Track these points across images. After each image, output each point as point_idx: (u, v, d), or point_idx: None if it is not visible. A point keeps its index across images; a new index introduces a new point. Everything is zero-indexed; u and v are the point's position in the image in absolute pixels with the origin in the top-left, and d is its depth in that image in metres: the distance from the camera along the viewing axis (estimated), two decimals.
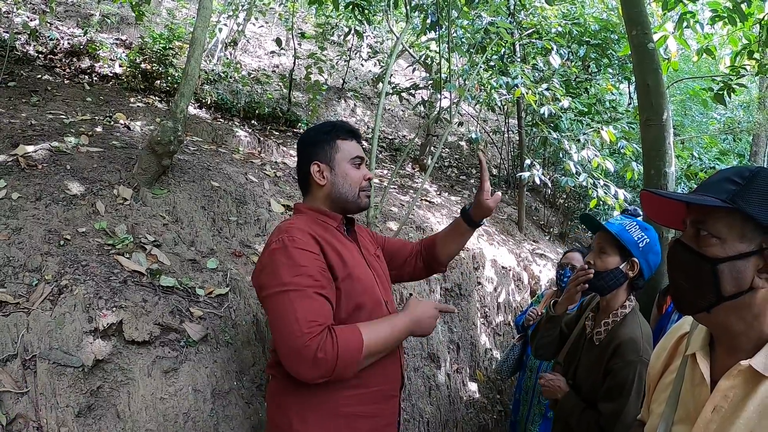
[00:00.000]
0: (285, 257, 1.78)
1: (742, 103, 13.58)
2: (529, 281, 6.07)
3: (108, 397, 2.06)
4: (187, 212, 3.19)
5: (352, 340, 1.71)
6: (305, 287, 1.73)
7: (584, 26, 7.14)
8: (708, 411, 1.18)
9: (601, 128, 5.83)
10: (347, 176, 2.07)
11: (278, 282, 1.75)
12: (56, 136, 3.43)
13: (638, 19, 3.94)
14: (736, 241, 1.12)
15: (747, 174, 1.14)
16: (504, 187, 8.73)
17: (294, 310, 1.68)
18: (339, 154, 2.08)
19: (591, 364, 2.23)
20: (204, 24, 3.29)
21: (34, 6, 6.69)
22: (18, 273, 2.25)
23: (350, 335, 1.72)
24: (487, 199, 2.28)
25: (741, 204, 1.10)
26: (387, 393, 1.97)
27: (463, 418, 4.29)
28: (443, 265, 2.50)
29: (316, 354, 1.62)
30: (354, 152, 2.10)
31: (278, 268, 1.77)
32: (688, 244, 1.19)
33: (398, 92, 7.28)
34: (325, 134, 2.10)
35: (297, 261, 1.77)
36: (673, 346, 1.44)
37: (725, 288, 1.13)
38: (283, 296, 1.72)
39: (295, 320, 1.66)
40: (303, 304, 1.69)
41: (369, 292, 1.97)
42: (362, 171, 2.11)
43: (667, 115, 3.81)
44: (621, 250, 2.24)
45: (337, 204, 2.08)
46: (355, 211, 2.16)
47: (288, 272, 1.75)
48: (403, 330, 1.91)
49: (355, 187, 2.08)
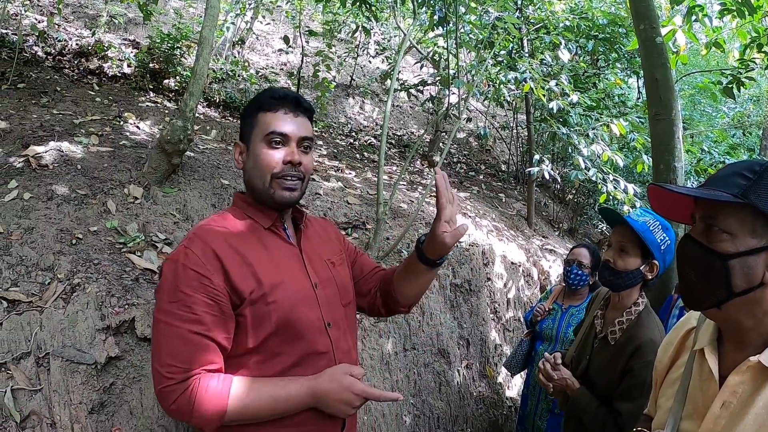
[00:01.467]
0: (172, 275, 1.49)
1: (752, 96, 13.46)
2: (539, 277, 6.05)
3: (120, 394, 2.08)
4: (198, 210, 3.21)
5: (212, 404, 1.43)
6: (176, 323, 1.45)
7: (592, 20, 7.11)
8: (717, 407, 1.17)
9: (611, 121, 5.80)
10: (257, 159, 1.60)
11: (158, 305, 1.51)
12: (66, 137, 3.46)
13: (646, 13, 3.92)
14: (748, 236, 1.10)
15: (758, 168, 1.12)
16: (513, 182, 8.71)
17: (158, 348, 1.46)
18: (256, 129, 1.62)
19: (606, 363, 2.20)
20: (212, 23, 3.30)
21: (42, 8, 6.73)
22: (31, 272, 2.28)
23: (212, 397, 1.43)
24: (445, 232, 1.64)
25: (753, 199, 1.08)
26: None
27: (473, 414, 4.30)
28: (403, 306, 1.92)
29: (170, 405, 1.43)
30: (272, 126, 1.60)
31: (162, 286, 1.51)
32: (698, 239, 1.18)
33: (406, 89, 7.27)
34: (250, 105, 1.68)
35: (179, 286, 1.47)
36: (680, 341, 1.42)
37: (736, 284, 1.11)
38: (156, 325, 1.48)
39: (158, 360, 1.45)
40: (168, 343, 1.45)
41: (296, 311, 1.58)
42: (280, 152, 1.60)
43: (676, 109, 3.79)
44: (643, 250, 2.16)
45: (252, 193, 1.66)
46: (273, 207, 1.64)
47: (167, 297, 1.48)
48: (296, 402, 1.51)
49: (265, 173, 1.59)
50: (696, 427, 1.22)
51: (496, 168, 9.33)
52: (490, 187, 7.96)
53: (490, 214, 6.50)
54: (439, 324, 4.15)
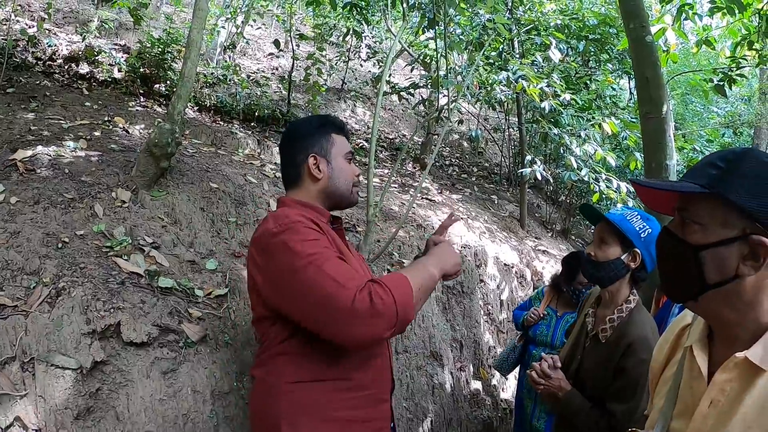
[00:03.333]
0: (295, 234, 1.69)
1: (742, 96, 13.54)
2: (532, 278, 6.05)
3: (107, 399, 2.05)
4: (186, 214, 3.19)
5: (400, 282, 1.62)
6: (329, 254, 1.66)
7: (582, 21, 7.13)
8: (705, 405, 1.14)
9: (603, 121, 5.80)
10: (343, 171, 2.04)
11: (298, 257, 1.64)
12: (55, 141, 3.43)
13: (635, 11, 3.92)
14: (718, 227, 1.09)
15: (731, 157, 1.11)
16: (505, 184, 8.72)
17: (329, 275, 1.58)
18: (335, 148, 2.04)
19: (597, 363, 2.17)
20: (200, 25, 3.29)
21: (32, 13, 6.71)
22: (16, 276, 2.25)
23: (395, 278, 1.64)
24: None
25: (721, 189, 1.07)
26: (378, 397, 1.88)
27: (467, 417, 4.28)
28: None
29: (373, 303, 1.52)
30: (347, 147, 2.10)
31: (293, 246, 1.66)
32: (674, 231, 1.17)
33: (397, 91, 7.26)
34: (320, 127, 2.06)
35: (308, 236, 1.70)
36: (675, 339, 1.39)
37: (709, 276, 1.10)
38: (309, 267, 1.61)
39: (334, 282, 1.56)
40: (335, 267, 1.61)
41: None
42: (354, 167, 2.12)
43: (667, 107, 3.79)
44: (622, 240, 2.14)
45: (331, 198, 2.04)
46: (346, 206, 2.13)
47: (305, 246, 1.66)
48: (434, 272, 1.79)
49: (350, 182, 2.06)
50: (685, 427, 1.19)
51: (489, 170, 9.33)
52: (482, 188, 7.97)
53: (482, 215, 6.50)
54: (432, 326, 4.13)
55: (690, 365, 1.24)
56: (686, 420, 1.19)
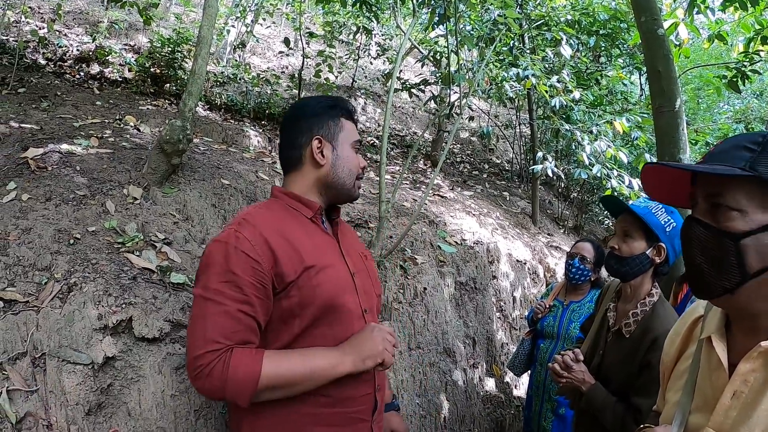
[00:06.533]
0: (222, 256, 1.57)
1: (755, 91, 13.41)
2: (545, 274, 6.01)
3: (118, 395, 2.04)
4: (198, 210, 3.19)
5: (245, 370, 1.50)
6: (226, 302, 1.53)
7: (593, 16, 7.07)
8: (727, 397, 1.09)
9: (614, 119, 5.76)
10: (348, 159, 1.83)
11: (204, 284, 1.57)
12: (66, 139, 3.44)
13: (646, 5, 3.87)
14: (758, 212, 1.02)
15: (761, 140, 1.05)
16: (517, 181, 8.68)
17: (204, 323, 1.52)
18: (343, 133, 1.84)
19: (621, 358, 2.12)
20: (210, 23, 3.28)
21: (42, 15, 6.75)
22: (27, 272, 2.25)
23: (246, 364, 1.51)
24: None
25: (762, 171, 1.01)
26: (353, 416, 1.72)
27: (480, 414, 4.25)
28: None
29: (209, 373, 1.48)
30: (356, 135, 1.88)
31: (211, 267, 1.58)
32: (705, 220, 1.09)
33: (408, 88, 7.24)
34: (330, 108, 1.84)
35: (230, 266, 1.55)
36: (687, 331, 1.34)
37: (750, 265, 1.02)
38: (202, 302, 1.55)
39: (202, 334, 1.51)
40: (216, 320, 1.52)
41: (339, 294, 1.69)
42: (360, 158, 1.90)
43: (680, 101, 3.74)
44: (647, 234, 2.10)
45: (330, 189, 1.83)
46: (345, 201, 1.91)
47: (217, 276, 1.56)
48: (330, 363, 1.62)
49: (354, 173, 1.85)
50: (705, 421, 1.14)
51: (500, 167, 9.29)
52: (494, 185, 7.94)
53: (494, 212, 6.47)
54: (445, 323, 4.11)
55: (708, 357, 1.20)
56: (706, 414, 1.15)
